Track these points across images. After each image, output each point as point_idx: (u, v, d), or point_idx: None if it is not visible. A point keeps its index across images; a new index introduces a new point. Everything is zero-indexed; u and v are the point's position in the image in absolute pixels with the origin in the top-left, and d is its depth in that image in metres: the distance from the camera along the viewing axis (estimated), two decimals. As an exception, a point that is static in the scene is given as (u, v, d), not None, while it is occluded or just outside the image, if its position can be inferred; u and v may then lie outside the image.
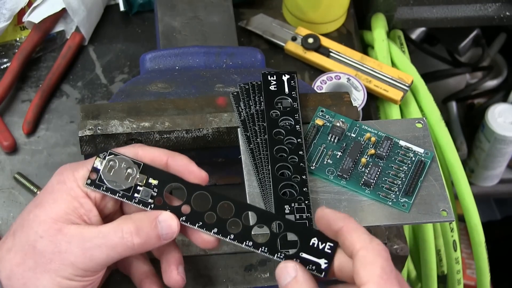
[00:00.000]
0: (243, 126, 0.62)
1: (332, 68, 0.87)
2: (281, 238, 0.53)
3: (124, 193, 0.54)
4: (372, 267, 0.48)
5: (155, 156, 0.55)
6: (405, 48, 0.96)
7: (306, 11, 0.90)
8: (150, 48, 0.88)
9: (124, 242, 0.52)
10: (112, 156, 0.54)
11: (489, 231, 0.93)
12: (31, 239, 0.52)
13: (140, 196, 0.54)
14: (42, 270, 0.51)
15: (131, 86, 0.71)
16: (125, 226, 0.52)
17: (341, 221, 0.51)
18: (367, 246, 0.49)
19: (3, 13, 0.87)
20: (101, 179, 0.54)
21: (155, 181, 0.54)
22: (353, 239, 0.50)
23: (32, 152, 0.81)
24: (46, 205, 0.53)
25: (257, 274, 0.60)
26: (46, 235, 0.52)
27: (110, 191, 0.54)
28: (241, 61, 0.76)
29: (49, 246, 0.51)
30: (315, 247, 0.53)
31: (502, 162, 1.14)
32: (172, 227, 0.53)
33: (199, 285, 0.59)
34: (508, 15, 0.96)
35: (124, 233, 0.52)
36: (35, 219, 0.52)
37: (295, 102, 0.63)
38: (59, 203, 0.53)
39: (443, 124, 0.89)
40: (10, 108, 0.85)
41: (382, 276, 0.47)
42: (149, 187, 0.54)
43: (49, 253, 0.51)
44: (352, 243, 0.50)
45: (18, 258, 0.52)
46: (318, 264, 0.52)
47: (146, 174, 0.54)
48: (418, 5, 0.95)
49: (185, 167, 0.55)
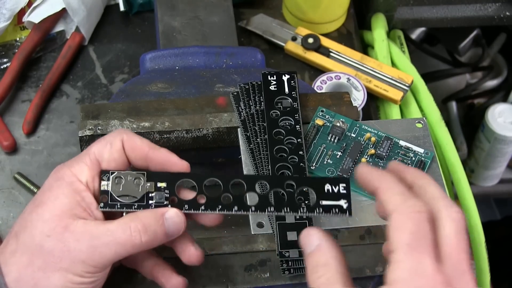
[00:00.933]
0: (243, 126, 0.62)
1: (332, 68, 0.87)
2: (298, 193, 0.55)
3: (139, 203, 0.54)
4: (400, 234, 0.44)
5: (137, 145, 0.55)
6: (405, 48, 0.96)
7: (306, 11, 0.90)
8: (150, 48, 0.87)
9: (132, 239, 0.52)
10: (116, 173, 0.55)
11: (489, 231, 0.93)
12: (37, 239, 0.51)
13: (155, 201, 0.54)
14: (52, 269, 0.51)
15: (131, 86, 0.71)
16: (133, 224, 0.52)
17: (376, 181, 0.49)
18: (397, 208, 0.45)
19: (3, 13, 0.87)
20: (113, 198, 0.54)
21: (163, 183, 0.55)
22: (386, 201, 0.47)
23: (32, 152, 0.81)
24: (48, 202, 0.53)
25: (257, 274, 0.60)
26: (54, 234, 0.51)
27: (126, 206, 0.54)
28: (241, 61, 0.76)
29: (58, 245, 0.51)
30: (331, 192, 0.54)
31: (502, 162, 1.14)
32: (178, 223, 0.54)
33: (199, 285, 0.59)
34: (508, 15, 0.96)
35: (132, 231, 0.52)
36: (39, 218, 0.52)
37: (295, 102, 0.63)
38: (61, 198, 0.53)
39: (443, 124, 0.89)
40: (10, 108, 0.85)
41: (411, 243, 0.43)
42: (160, 191, 0.55)
43: (58, 251, 0.51)
44: (385, 205, 0.47)
45: (25, 259, 0.51)
46: (339, 206, 0.54)
47: (153, 180, 0.55)
48: (418, 5, 0.95)
49: (167, 159, 0.55)
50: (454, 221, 0.45)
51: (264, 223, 0.57)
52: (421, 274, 0.43)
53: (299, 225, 0.57)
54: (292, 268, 0.57)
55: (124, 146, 0.55)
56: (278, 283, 0.59)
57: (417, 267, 0.43)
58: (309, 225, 0.57)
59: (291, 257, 0.56)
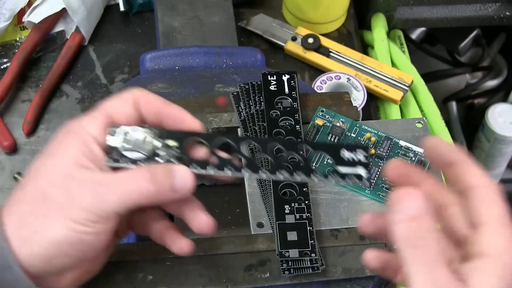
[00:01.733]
0: (243, 126, 0.62)
1: (332, 68, 0.87)
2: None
3: (147, 160, 0.52)
4: (495, 207, 0.44)
5: (150, 100, 0.54)
6: (405, 48, 0.96)
7: (306, 11, 0.90)
8: (150, 48, 0.88)
9: (138, 188, 0.51)
10: (125, 128, 0.53)
11: (489, 231, 0.92)
12: (41, 187, 0.51)
13: (163, 160, 0.53)
14: (54, 216, 0.50)
15: (131, 86, 0.71)
16: (140, 173, 0.51)
17: (456, 154, 0.47)
18: (487, 185, 0.45)
19: (3, 13, 0.87)
20: (120, 153, 0.52)
21: (173, 142, 0.53)
22: (472, 174, 0.45)
23: (32, 152, 0.81)
24: (55, 153, 0.52)
25: (257, 274, 0.60)
26: (58, 181, 0.50)
27: (133, 162, 0.52)
28: (241, 61, 0.76)
29: (61, 192, 0.50)
30: (348, 160, 0.52)
31: (502, 162, 1.14)
32: (186, 178, 0.52)
33: (199, 285, 0.59)
34: (508, 15, 0.96)
35: (138, 179, 0.51)
36: (46, 168, 0.51)
37: (295, 102, 0.63)
38: (69, 149, 0.52)
39: (443, 124, 0.89)
40: (10, 108, 0.85)
41: (505, 216, 0.43)
42: (169, 149, 0.53)
43: (60, 198, 0.50)
44: (471, 178, 0.45)
45: (28, 207, 0.50)
46: (358, 175, 0.51)
47: (163, 137, 0.53)
48: (418, 5, 0.95)
49: (180, 116, 0.54)
50: None
51: (264, 223, 0.57)
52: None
53: (299, 225, 0.57)
54: (292, 268, 0.57)
55: (138, 101, 0.54)
56: (278, 283, 0.59)
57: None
58: (309, 225, 0.57)
59: (291, 257, 0.56)
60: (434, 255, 0.42)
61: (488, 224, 0.43)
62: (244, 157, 0.53)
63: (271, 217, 0.57)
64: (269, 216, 0.57)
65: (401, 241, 0.43)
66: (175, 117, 0.54)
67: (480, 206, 0.44)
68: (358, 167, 0.51)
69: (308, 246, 0.56)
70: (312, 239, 0.56)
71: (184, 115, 0.54)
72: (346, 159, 0.52)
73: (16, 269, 0.49)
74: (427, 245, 0.42)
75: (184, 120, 0.54)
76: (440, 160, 0.48)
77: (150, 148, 0.53)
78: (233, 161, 0.53)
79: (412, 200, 0.43)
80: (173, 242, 0.55)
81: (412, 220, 0.43)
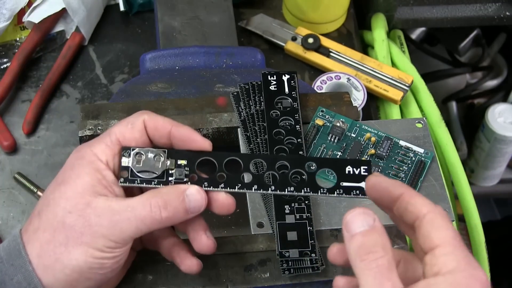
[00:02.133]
0: (243, 126, 0.62)
1: (332, 68, 0.87)
2: (318, 175, 0.55)
3: (159, 180, 0.55)
4: (445, 230, 0.46)
5: (159, 124, 0.56)
6: (405, 48, 0.96)
7: (306, 11, 0.90)
8: (150, 48, 0.88)
9: (153, 215, 0.52)
10: (137, 149, 0.55)
11: (489, 231, 0.93)
12: (60, 215, 0.52)
13: (174, 178, 0.55)
14: (73, 243, 0.51)
15: (131, 86, 0.71)
16: (153, 200, 0.53)
17: (400, 188, 0.49)
18: (434, 210, 0.47)
19: (3, 13, 0.87)
20: (133, 174, 0.55)
21: (183, 161, 0.55)
22: (419, 204, 0.47)
23: (32, 152, 0.81)
24: (70, 181, 0.53)
25: (257, 274, 0.60)
26: (75, 210, 0.52)
27: (146, 182, 0.55)
28: (241, 61, 0.76)
29: (79, 220, 0.52)
30: (351, 174, 0.55)
31: (502, 162, 1.14)
32: (199, 200, 0.54)
33: (199, 285, 0.59)
34: (508, 15, 0.96)
35: (152, 206, 0.53)
36: (61, 196, 0.53)
37: (295, 102, 0.63)
38: (83, 176, 0.53)
39: (443, 124, 0.89)
40: (10, 108, 0.85)
41: (456, 238, 0.45)
42: (180, 168, 0.55)
43: (79, 227, 0.52)
44: (418, 207, 0.47)
45: (47, 235, 0.52)
46: (360, 188, 0.55)
47: (173, 157, 0.55)
48: (418, 5, 0.95)
49: (189, 136, 0.56)
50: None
51: (264, 223, 0.57)
52: (473, 265, 0.44)
53: (299, 225, 0.57)
54: (292, 268, 0.57)
55: (146, 125, 0.56)
56: (278, 283, 0.59)
57: (468, 259, 0.44)
58: (309, 225, 0.57)
59: (291, 257, 0.56)
60: (382, 268, 0.44)
61: (441, 246, 0.45)
62: (252, 174, 0.55)
63: (271, 217, 0.57)
64: (269, 216, 0.57)
65: (352, 256, 0.45)
66: (185, 138, 0.56)
67: (431, 231, 0.46)
68: (361, 182, 0.54)
69: (308, 246, 0.56)
70: (312, 239, 0.56)
71: (194, 135, 0.56)
72: (351, 175, 0.55)
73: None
74: (374, 258, 0.44)
75: (194, 140, 0.56)
76: (384, 196, 0.49)
77: (161, 167, 0.55)
78: (241, 178, 0.55)
79: (360, 219, 0.46)
80: (181, 261, 0.57)
81: (360, 236, 0.45)
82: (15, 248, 0.52)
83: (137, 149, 0.55)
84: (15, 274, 0.51)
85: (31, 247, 0.52)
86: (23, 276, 0.51)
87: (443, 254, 0.45)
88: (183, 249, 0.57)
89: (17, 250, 0.52)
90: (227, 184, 0.55)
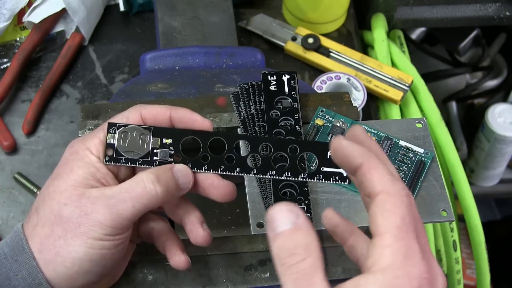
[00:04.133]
0: (243, 126, 0.62)
1: (332, 68, 0.87)
2: (300, 159, 0.55)
3: (144, 159, 0.55)
4: (391, 216, 0.41)
5: (157, 112, 0.56)
6: (405, 48, 0.96)
7: (306, 11, 0.90)
8: (150, 48, 0.88)
9: (148, 191, 0.53)
10: (122, 128, 0.55)
11: (489, 231, 0.93)
12: (56, 209, 0.52)
13: (159, 158, 0.55)
14: (72, 235, 0.52)
15: (131, 86, 0.71)
16: (145, 176, 0.53)
17: (360, 157, 0.44)
18: (388, 190, 0.42)
19: (3, 13, 0.87)
20: (118, 153, 0.55)
21: (168, 140, 0.56)
22: (374, 180, 0.43)
23: (32, 152, 0.81)
24: (63, 175, 0.54)
25: (257, 274, 0.60)
26: (70, 202, 0.52)
27: (130, 161, 0.55)
28: (241, 61, 0.76)
29: (75, 211, 0.52)
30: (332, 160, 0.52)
31: (502, 162, 1.14)
32: (187, 176, 0.55)
33: (199, 285, 0.59)
34: (508, 15, 0.96)
35: (146, 182, 0.53)
36: (56, 190, 0.53)
37: (295, 102, 0.63)
38: (76, 170, 0.54)
39: (443, 124, 0.89)
40: (10, 108, 0.85)
41: (401, 227, 0.40)
42: (165, 147, 0.56)
43: (76, 217, 0.52)
44: (372, 184, 0.43)
45: (46, 230, 0.52)
46: (340, 173, 0.55)
47: (158, 136, 0.56)
48: (418, 5, 0.95)
49: (189, 117, 0.56)
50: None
51: (264, 223, 0.57)
52: (411, 260, 0.40)
53: (299, 225, 0.57)
54: (292, 268, 0.57)
55: (145, 117, 0.56)
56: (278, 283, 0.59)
57: (407, 254, 0.40)
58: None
59: None
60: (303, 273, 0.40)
61: (382, 236, 0.41)
62: (236, 155, 0.55)
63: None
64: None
65: (274, 258, 0.42)
66: (185, 119, 0.56)
67: (377, 215, 0.42)
68: (340, 167, 0.51)
69: (308, 246, 0.56)
70: (312, 239, 0.56)
71: (194, 116, 0.56)
72: (331, 159, 0.54)
73: (46, 285, 0.52)
74: (295, 262, 0.40)
75: (194, 120, 0.56)
76: (345, 164, 0.45)
77: (145, 147, 0.55)
78: (225, 160, 0.55)
79: (283, 216, 0.42)
80: (171, 257, 0.57)
81: (281, 237, 0.41)
82: (18, 243, 0.53)
83: (122, 127, 0.55)
84: (19, 270, 0.52)
85: (32, 243, 0.53)
86: (27, 272, 0.51)
87: (381, 246, 0.40)
88: (174, 244, 0.57)
89: (21, 246, 0.52)
90: (210, 166, 0.55)
